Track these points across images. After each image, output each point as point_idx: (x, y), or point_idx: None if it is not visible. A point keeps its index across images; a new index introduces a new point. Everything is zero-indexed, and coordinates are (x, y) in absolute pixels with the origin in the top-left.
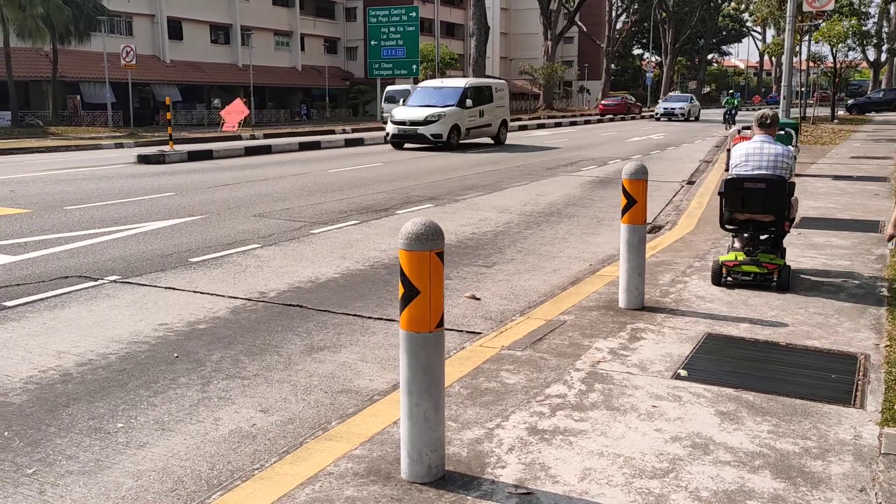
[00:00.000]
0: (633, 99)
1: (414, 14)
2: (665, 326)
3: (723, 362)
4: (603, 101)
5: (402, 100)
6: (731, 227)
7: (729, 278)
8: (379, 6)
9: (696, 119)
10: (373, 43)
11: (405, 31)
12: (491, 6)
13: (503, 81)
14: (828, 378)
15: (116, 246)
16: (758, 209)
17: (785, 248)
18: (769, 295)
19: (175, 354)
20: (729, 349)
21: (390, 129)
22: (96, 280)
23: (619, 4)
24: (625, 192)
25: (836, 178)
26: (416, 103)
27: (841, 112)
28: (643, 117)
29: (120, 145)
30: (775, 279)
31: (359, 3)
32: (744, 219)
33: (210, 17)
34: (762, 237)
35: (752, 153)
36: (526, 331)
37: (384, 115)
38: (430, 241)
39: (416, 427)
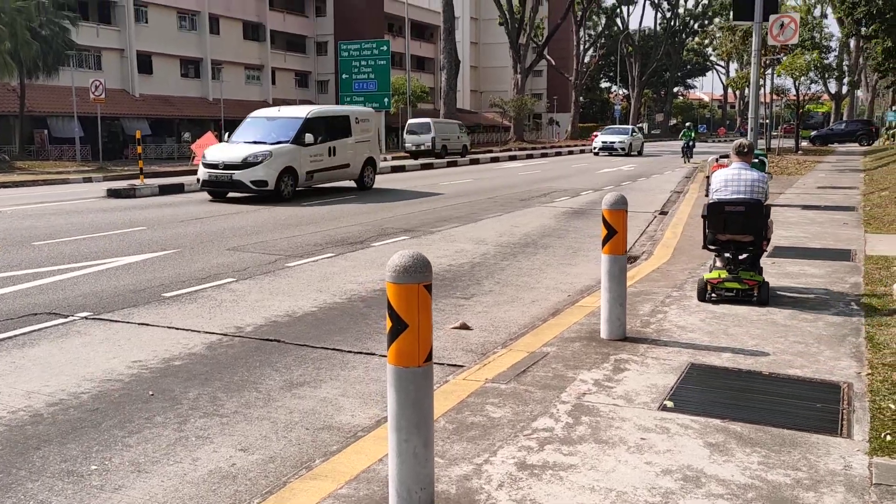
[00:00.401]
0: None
1: (385, 48)
2: (648, 357)
3: (708, 392)
4: (594, 133)
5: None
6: (713, 247)
7: (713, 295)
8: (350, 40)
9: (639, 153)
10: (344, 76)
11: (376, 65)
12: (461, 40)
13: (369, 110)
14: (813, 407)
15: (87, 281)
16: (738, 230)
17: (762, 267)
18: (749, 325)
19: (150, 392)
20: (713, 379)
21: (201, 173)
22: (67, 317)
23: (587, 39)
24: (605, 222)
25: (805, 207)
26: (240, 139)
27: (805, 143)
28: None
29: (89, 179)
30: (756, 294)
31: (329, 37)
32: (725, 239)
33: (180, 51)
34: (741, 256)
35: (731, 179)
36: (509, 363)
37: (406, 146)
38: (418, 274)
39: (405, 464)
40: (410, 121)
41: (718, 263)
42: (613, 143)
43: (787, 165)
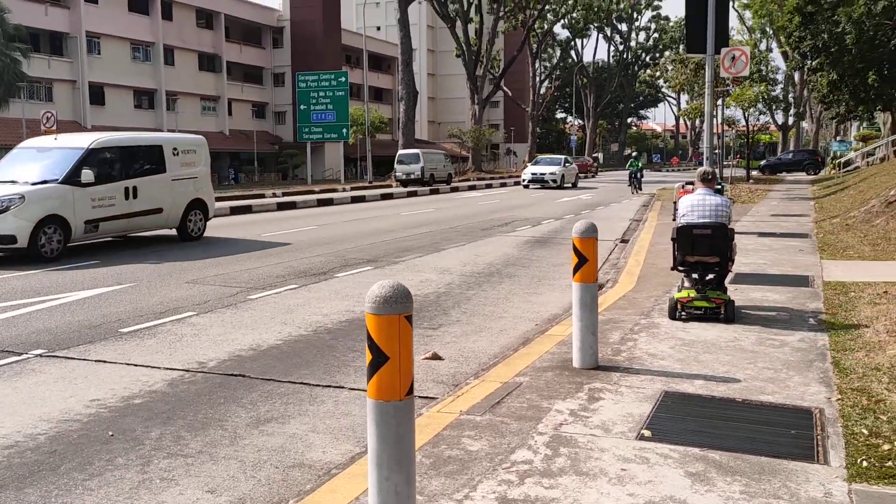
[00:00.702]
0: (592, 160)
1: (343, 79)
2: (622, 385)
3: (684, 421)
4: (525, 161)
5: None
6: (682, 268)
7: (683, 313)
8: (308, 71)
9: (573, 185)
10: (302, 107)
11: (335, 96)
12: (418, 72)
13: (196, 138)
14: (788, 434)
15: (40, 318)
16: (705, 252)
17: (727, 287)
18: (719, 351)
19: (110, 433)
20: (688, 407)
21: None
22: (20, 355)
23: (542, 70)
24: (576, 250)
25: (761, 234)
26: None
27: (754, 172)
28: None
29: None
30: (723, 312)
31: (287, 68)
32: (693, 261)
33: (134, 82)
34: (708, 277)
35: (697, 204)
36: (483, 394)
37: (397, 175)
38: (398, 304)
39: (387, 502)
40: (401, 151)
41: (687, 283)
42: (543, 174)
43: (739, 194)
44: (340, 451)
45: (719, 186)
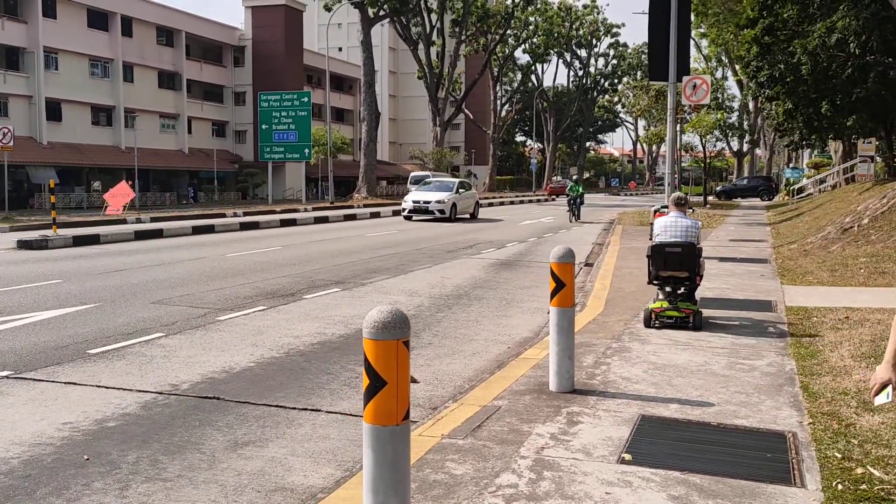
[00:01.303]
0: (566, 182)
1: (306, 99)
2: (599, 409)
3: (663, 444)
4: (550, 185)
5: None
6: (657, 282)
7: (657, 322)
8: (269, 90)
9: (472, 216)
10: (264, 127)
11: (297, 116)
12: (380, 93)
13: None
14: (764, 457)
15: (4, 338)
16: (676, 267)
17: (697, 299)
18: (691, 375)
19: (85, 456)
20: (665, 431)
21: None
22: None
23: (503, 94)
24: (553, 275)
25: (722, 259)
26: None
27: (710, 198)
28: (530, 201)
29: None
30: (691, 321)
31: (248, 87)
32: (666, 275)
33: (92, 98)
34: (679, 290)
35: (669, 225)
36: (462, 417)
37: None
38: (397, 330)
39: None
40: (413, 173)
41: (661, 296)
42: (428, 203)
43: (698, 218)
44: (322, 475)
45: (692, 210)
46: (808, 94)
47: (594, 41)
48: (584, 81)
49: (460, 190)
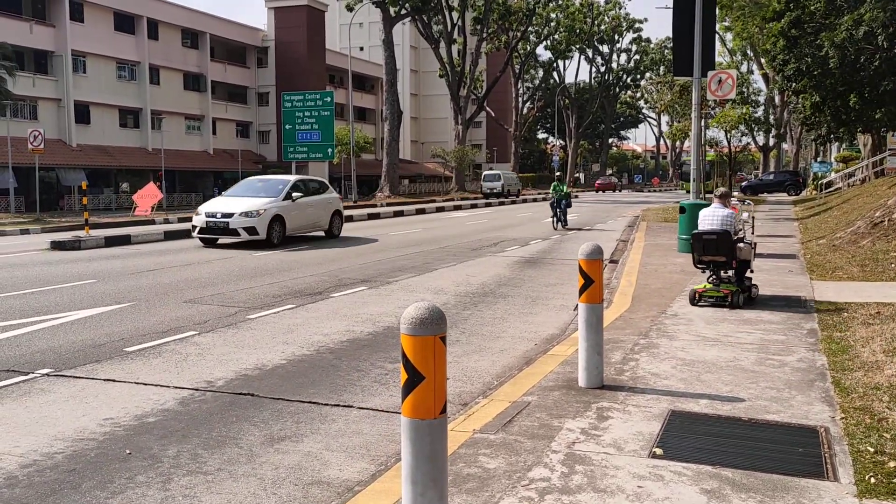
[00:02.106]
0: (616, 179)
1: (329, 99)
2: (629, 405)
3: (694, 439)
4: (597, 181)
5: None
6: (700, 265)
7: (700, 301)
8: (292, 91)
9: (330, 234)
10: (287, 127)
11: (320, 116)
12: (402, 92)
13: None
14: (796, 452)
15: (43, 337)
16: (713, 252)
17: (747, 281)
18: (720, 371)
19: (127, 451)
20: (696, 426)
21: None
22: (27, 374)
23: (525, 91)
24: (582, 272)
25: None
26: None
27: (736, 193)
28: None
29: (26, 231)
30: (729, 300)
31: (271, 88)
32: (707, 259)
33: (119, 101)
34: (723, 273)
35: (708, 215)
36: (493, 413)
37: (483, 189)
38: (434, 326)
39: None
40: (486, 172)
41: (706, 277)
42: (229, 217)
43: (746, 210)
44: (357, 469)
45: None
46: (836, 87)
47: (616, 37)
48: (606, 77)
49: (294, 194)
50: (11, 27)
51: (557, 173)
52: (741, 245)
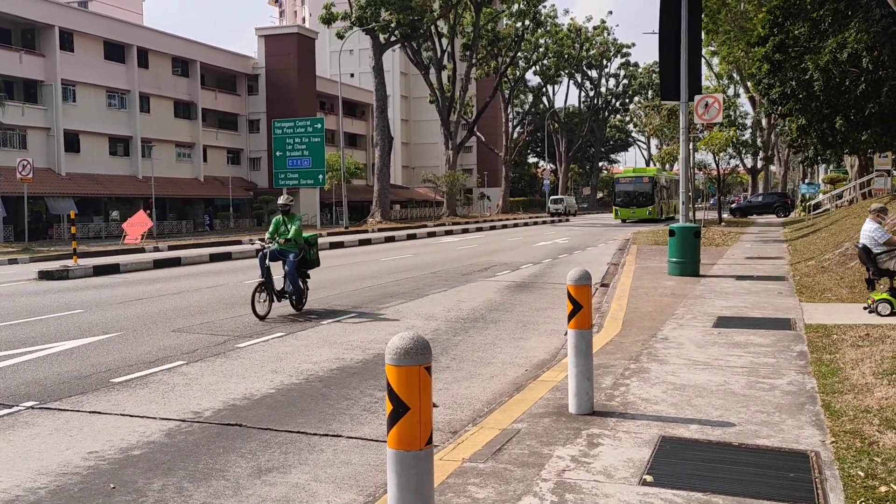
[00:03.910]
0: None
1: (319, 125)
2: (619, 431)
3: (684, 465)
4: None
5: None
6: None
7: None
8: (283, 118)
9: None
10: (278, 154)
11: (310, 142)
12: (392, 117)
13: None
14: (787, 477)
15: (28, 369)
16: (863, 263)
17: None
18: (710, 395)
19: (112, 485)
20: (686, 451)
21: None
22: (11, 407)
23: (515, 116)
24: (570, 297)
25: (739, 277)
26: None
27: (725, 215)
28: (544, 223)
29: (14, 261)
30: (869, 307)
31: (262, 115)
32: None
33: (109, 129)
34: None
35: (862, 230)
36: (483, 441)
37: (550, 211)
38: (419, 356)
39: None
40: (553, 197)
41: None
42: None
43: (713, 237)
44: (345, 501)
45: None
46: (822, 110)
47: (605, 61)
48: (595, 102)
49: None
50: (1, 57)
51: (282, 199)
52: (881, 257)
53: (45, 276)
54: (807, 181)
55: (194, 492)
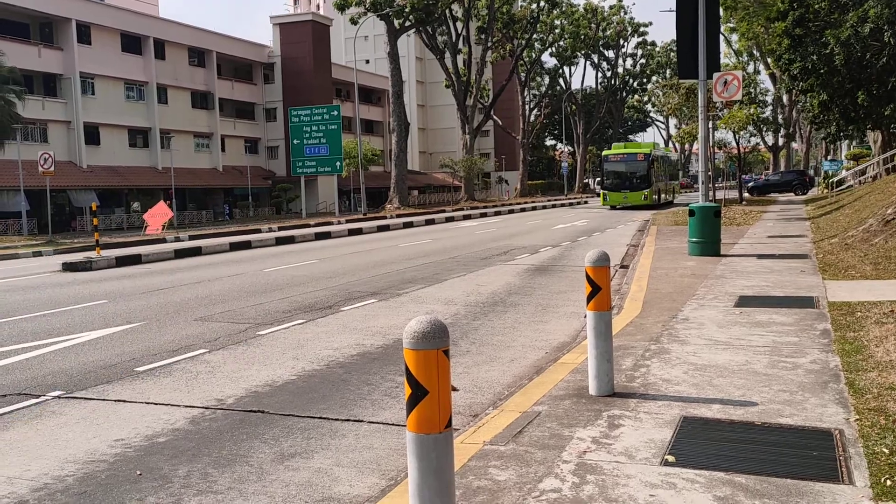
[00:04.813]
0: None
1: (336, 113)
2: (640, 412)
3: (706, 445)
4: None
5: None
6: None
7: None
8: (299, 106)
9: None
10: (295, 142)
11: (328, 130)
12: (408, 103)
13: None
14: (810, 455)
15: (54, 359)
16: None
17: None
18: (732, 375)
19: (138, 472)
20: (708, 431)
21: None
22: (38, 397)
23: (531, 98)
24: (589, 279)
25: (761, 256)
26: None
27: (746, 194)
28: (563, 205)
29: (39, 254)
30: None
31: (279, 103)
32: None
33: (128, 121)
34: None
35: None
36: (503, 424)
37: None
38: (436, 339)
39: None
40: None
41: None
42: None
43: (734, 216)
44: (367, 485)
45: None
46: (843, 85)
47: (621, 41)
48: (612, 82)
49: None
50: (20, 51)
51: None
52: None
53: (69, 267)
54: (829, 158)
55: (219, 477)
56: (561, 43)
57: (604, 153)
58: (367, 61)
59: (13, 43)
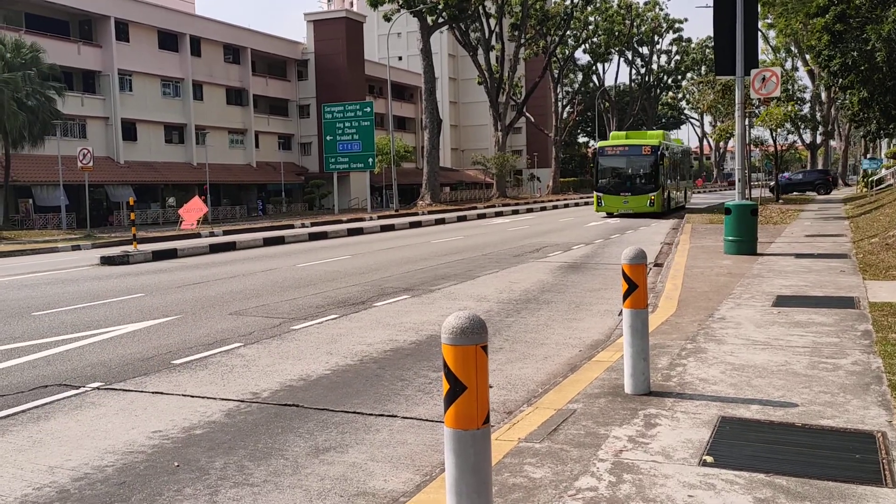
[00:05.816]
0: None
1: (369, 109)
2: (677, 411)
3: (745, 446)
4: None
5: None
6: None
7: None
8: (332, 103)
9: None
10: (328, 138)
11: (360, 126)
12: (441, 100)
13: None
14: (852, 458)
15: (93, 351)
16: None
17: None
18: (771, 375)
19: (176, 463)
20: (747, 432)
21: None
22: (78, 388)
23: (564, 95)
24: (625, 277)
25: (799, 256)
26: None
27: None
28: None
29: (77, 247)
30: None
31: (312, 100)
32: None
33: (164, 117)
34: None
35: None
36: (538, 421)
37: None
38: (475, 335)
39: None
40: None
41: None
42: None
43: (770, 215)
44: (401, 480)
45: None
46: (885, 82)
47: (656, 38)
48: (646, 79)
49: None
50: (60, 49)
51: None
52: None
53: (106, 261)
54: (869, 156)
55: (255, 470)
56: (594, 39)
57: (598, 144)
58: (400, 58)
59: (53, 40)
